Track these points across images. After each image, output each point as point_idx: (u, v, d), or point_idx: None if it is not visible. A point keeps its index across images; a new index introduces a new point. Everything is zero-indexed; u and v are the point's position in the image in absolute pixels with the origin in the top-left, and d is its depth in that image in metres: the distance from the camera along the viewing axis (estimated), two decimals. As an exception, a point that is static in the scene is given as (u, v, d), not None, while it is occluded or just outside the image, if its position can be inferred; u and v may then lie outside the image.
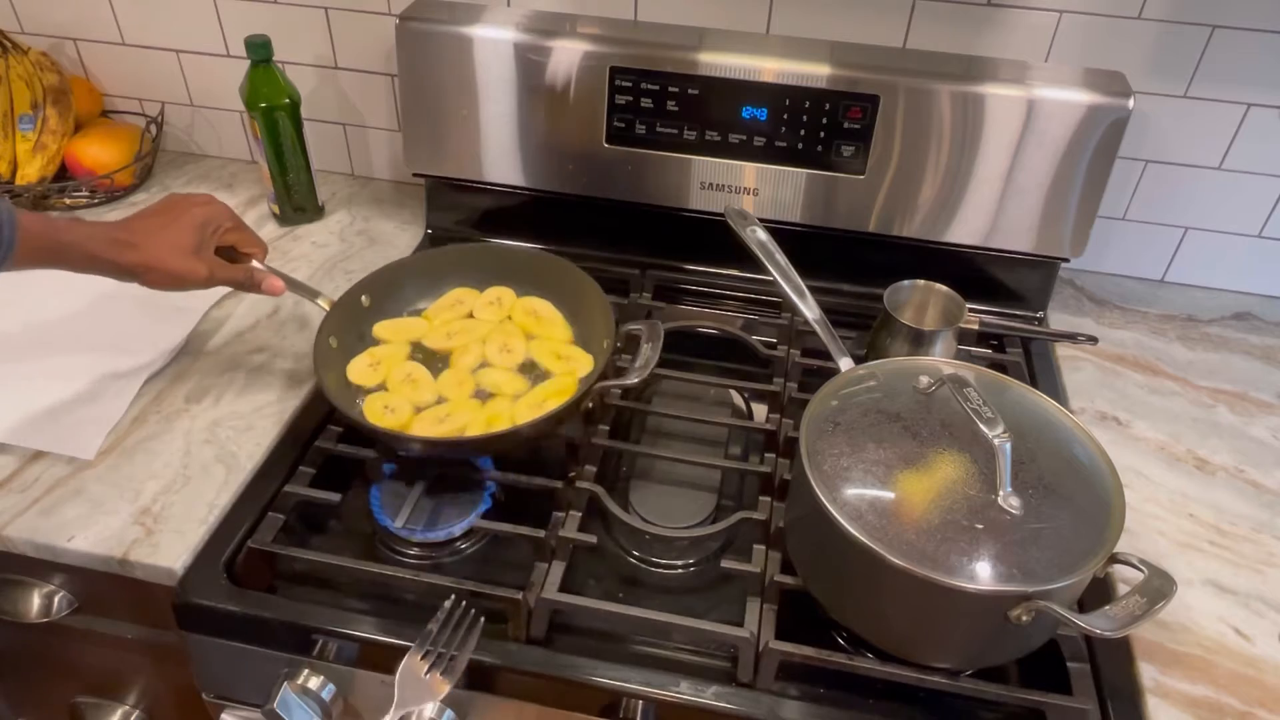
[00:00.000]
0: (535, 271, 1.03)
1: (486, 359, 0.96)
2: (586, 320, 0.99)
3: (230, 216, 0.90)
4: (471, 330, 0.99)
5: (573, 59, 1.06)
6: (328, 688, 0.79)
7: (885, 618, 0.73)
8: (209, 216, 0.87)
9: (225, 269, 0.88)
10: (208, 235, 0.86)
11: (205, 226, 0.86)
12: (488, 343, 0.97)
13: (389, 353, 0.96)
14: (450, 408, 0.90)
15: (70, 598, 0.90)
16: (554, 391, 0.90)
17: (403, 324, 1.00)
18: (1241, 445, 0.97)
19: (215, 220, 0.87)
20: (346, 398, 0.90)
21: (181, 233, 0.84)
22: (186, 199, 0.88)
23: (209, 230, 0.86)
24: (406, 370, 0.94)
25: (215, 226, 0.87)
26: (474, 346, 0.97)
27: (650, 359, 0.85)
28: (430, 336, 0.98)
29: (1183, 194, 1.14)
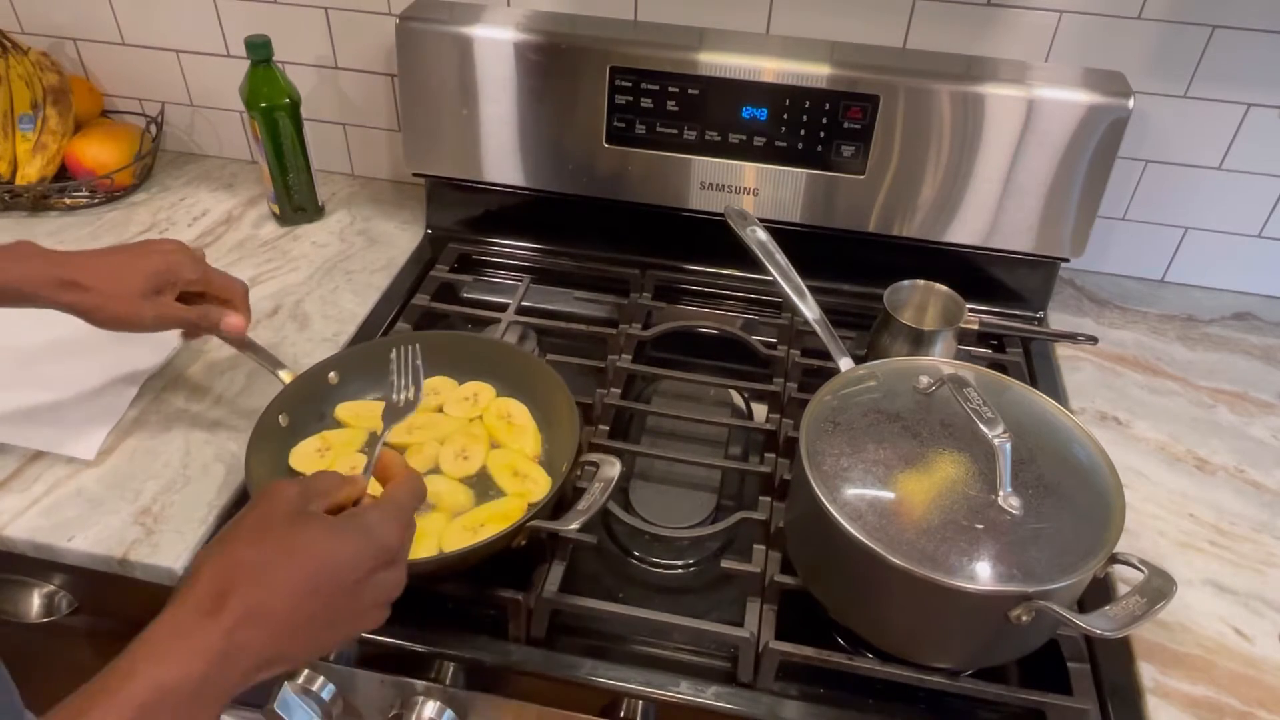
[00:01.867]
0: (519, 372, 0.94)
1: (439, 463, 0.87)
2: (557, 434, 0.89)
3: (194, 266, 0.85)
4: (435, 427, 0.90)
5: (573, 59, 1.06)
6: (328, 688, 0.79)
7: (885, 618, 0.73)
8: (168, 265, 0.83)
9: (175, 311, 0.83)
10: (164, 283, 0.82)
11: (161, 275, 0.82)
12: (446, 444, 0.88)
13: (343, 439, 0.88)
14: None
15: (70, 598, 0.90)
16: (497, 514, 0.81)
17: (367, 408, 0.91)
18: (1241, 445, 0.97)
19: (174, 270, 0.83)
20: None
21: (134, 277, 0.80)
22: (152, 245, 0.85)
23: (165, 279, 0.82)
24: (352, 463, 0.85)
25: (174, 277, 0.83)
26: (430, 447, 0.88)
27: (595, 503, 0.75)
28: (392, 428, 0.89)
29: (1183, 194, 1.14)
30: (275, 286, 1.13)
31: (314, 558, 0.52)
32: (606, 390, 0.98)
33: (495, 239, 1.22)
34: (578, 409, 0.87)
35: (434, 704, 0.77)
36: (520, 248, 1.22)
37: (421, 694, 0.78)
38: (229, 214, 1.26)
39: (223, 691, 0.49)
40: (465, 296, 1.17)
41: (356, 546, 0.54)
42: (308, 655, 0.54)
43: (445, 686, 0.77)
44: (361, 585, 0.54)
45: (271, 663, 0.51)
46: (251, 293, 1.10)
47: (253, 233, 1.22)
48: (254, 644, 0.50)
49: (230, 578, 0.50)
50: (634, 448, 0.94)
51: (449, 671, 0.77)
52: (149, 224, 1.23)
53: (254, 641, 0.50)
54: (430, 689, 0.78)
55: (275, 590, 0.51)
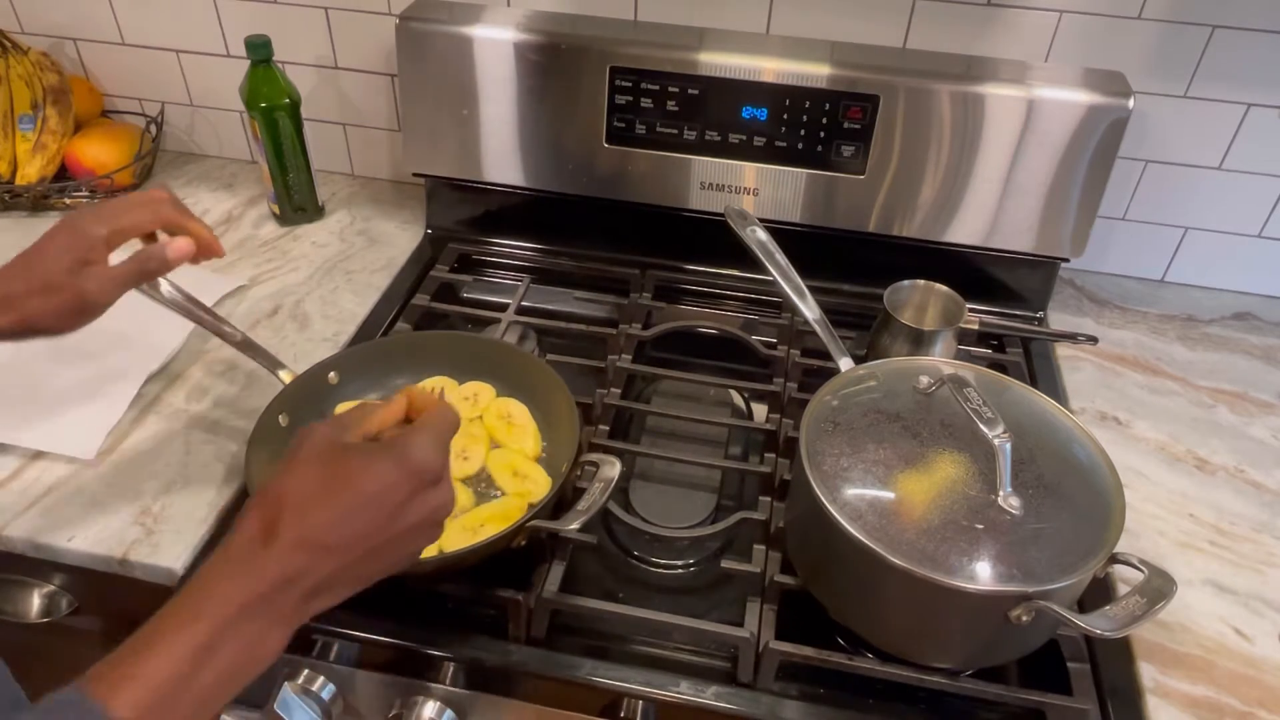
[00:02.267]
0: (519, 372, 0.94)
1: None
2: (557, 435, 0.89)
3: (104, 214, 0.74)
4: None
5: (573, 59, 1.06)
6: (328, 688, 0.79)
7: (885, 618, 0.73)
8: (72, 229, 0.73)
9: (114, 272, 0.74)
10: (82, 250, 0.73)
11: (72, 244, 0.73)
12: None
13: None
14: None
15: (70, 598, 0.90)
16: (497, 514, 0.81)
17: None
18: (1241, 445, 0.97)
19: (80, 231, 0.73)
20: None
21: (44, 266, 0.72)
22: (61, 222, 0.75)
23: (79, 245, 0.73)
24: None
25: (86, 238, 0.73)
26: None
27: (595, 503, 0.75)
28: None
29: (1183, 194, 1.14)
30: (275, 286, 1.13)
31: (354, 483, 0.53)
32: (606, 390, 0.98)
33: (495, 239, 1.22)
34: (578, 409, 0.87)
35: (434, 704, 0.77)
36: (520, 248, 1.22)
37: (421, 694, 0.78)
38: (229, 214, 1.26)
39: (284, 618, 0.51)
40: (465, 296, 1.17)
41: (394, 468, 0.54)
42: (363, 578, 0.55)
43: (445, 686, 0.77)
44: (405, 507, 0.55)
45: (329, 587, 0.53)
46: (251, 292, 1.11)
47: (253, 233, 1.22)
48: (308, 568, 0.51)
49: (277, 509, 0.52)
50: (634, 448, 0.94)
51: (449, 671, 0.77)
52: (149, 224, 1.22)
53: (307, 566, 0.51)
54: (430, 689, 0.78)
55: (320, 517, 0.52)
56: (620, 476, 0.78)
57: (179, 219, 0.78)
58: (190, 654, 0.48)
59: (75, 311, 0.74)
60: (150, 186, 1.30)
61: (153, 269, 0.77)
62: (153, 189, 0.79)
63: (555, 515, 0.78)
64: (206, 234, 0.79)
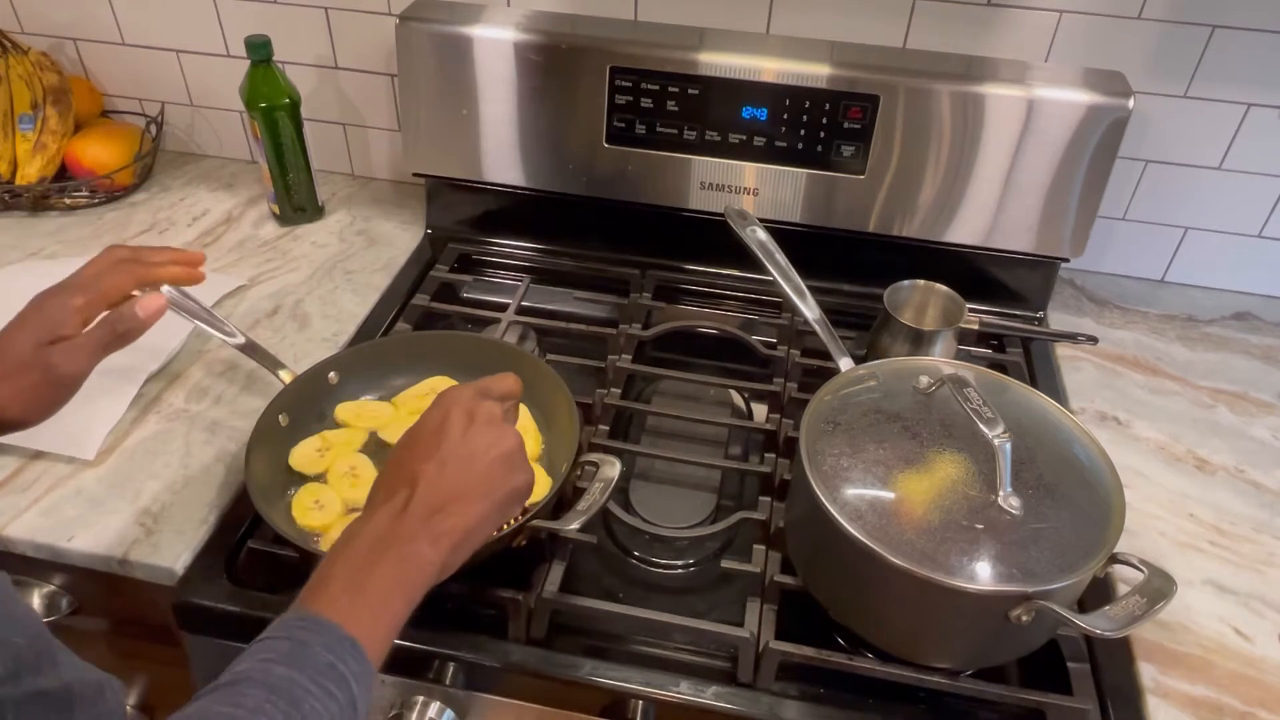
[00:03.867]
0: (519, 371, 0.89)
1: None
2: (557, 435, 0.89)
3: (74, 287, 0.74)
4: None
5: (573, 59, 1.06)
6: (328, 688, 0.79)
7: (885, 618, 0.73)
8: (41, 310, 0.72)
9: (85, 342, 0.74)
10: (52, 327, 0.72)
11: (42, 323, 0.72)
12: None
13: (343, 439, 0.88)
14: None
15: (70, 598, 0.90)
16: None
17: (367, 408, 0.91)
18: (1241, 445, 0.97)
19: (49, 310, 0.72)
20: (277, 485, 0.83)
21: (17, 347, 0.71)
22: (33, 301, 0.74)
23: (49, 324, 0.72)
24: (351, 463, 0.85)
25: (56, 315, 0.72)
26: None
27: (595, 503, 0.75)
28: (390, 428, 0.89)
29: (1183, 194, 1.14)
30: (275, 286, 1.13)
31: (421, 425, 0.64)
32: (606, 390, 0.98)
33: (495, 239, 1.22)
34: (578, 409, 0.87)
35: (434, 704, 0.77)
36: (520, 248, 1.22)
37: (421, 694, 0.78)
38: (229, 214, 1.26)
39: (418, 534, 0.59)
40: (465, 296, 1.17)
41: (440, 405, 0.65)
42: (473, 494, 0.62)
43: (445, 686, 0.77)
44: (468, 428, 0.63)
45: (442, 504, 0.60)
46: (251, 292, 1.11)
47: (253, 233, 1.22)
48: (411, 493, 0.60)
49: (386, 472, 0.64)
50: (634, 448, 0.94)
51: (449, 671, 0.77)
52: (149, 224, 1.23)
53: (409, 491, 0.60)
54: (430, 689, 0.78)
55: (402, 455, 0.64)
56: (620, 476, 0.78)
57: (151, 273, 0.78)
58: (347, 579, 0.56)
59: (49, 387, 0.72)
60: (150, 187, 1.30)
61: (124, 331, 0.76)
62: (110, 249, 0.78)
63: (555, 515, 0.78)
64: (182, 270, 0.79)
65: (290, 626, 0.53)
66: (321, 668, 0.51)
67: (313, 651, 0.51)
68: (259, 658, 0.51)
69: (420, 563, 0.58)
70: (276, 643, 0.52)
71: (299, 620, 0.53)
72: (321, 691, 0.50)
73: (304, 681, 0.50)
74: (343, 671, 0.51)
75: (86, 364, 0.74)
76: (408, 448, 0.64)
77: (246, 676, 0.49)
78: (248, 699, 0.48)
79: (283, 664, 0.50)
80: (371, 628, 0.54)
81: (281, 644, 0.51)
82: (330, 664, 0.51)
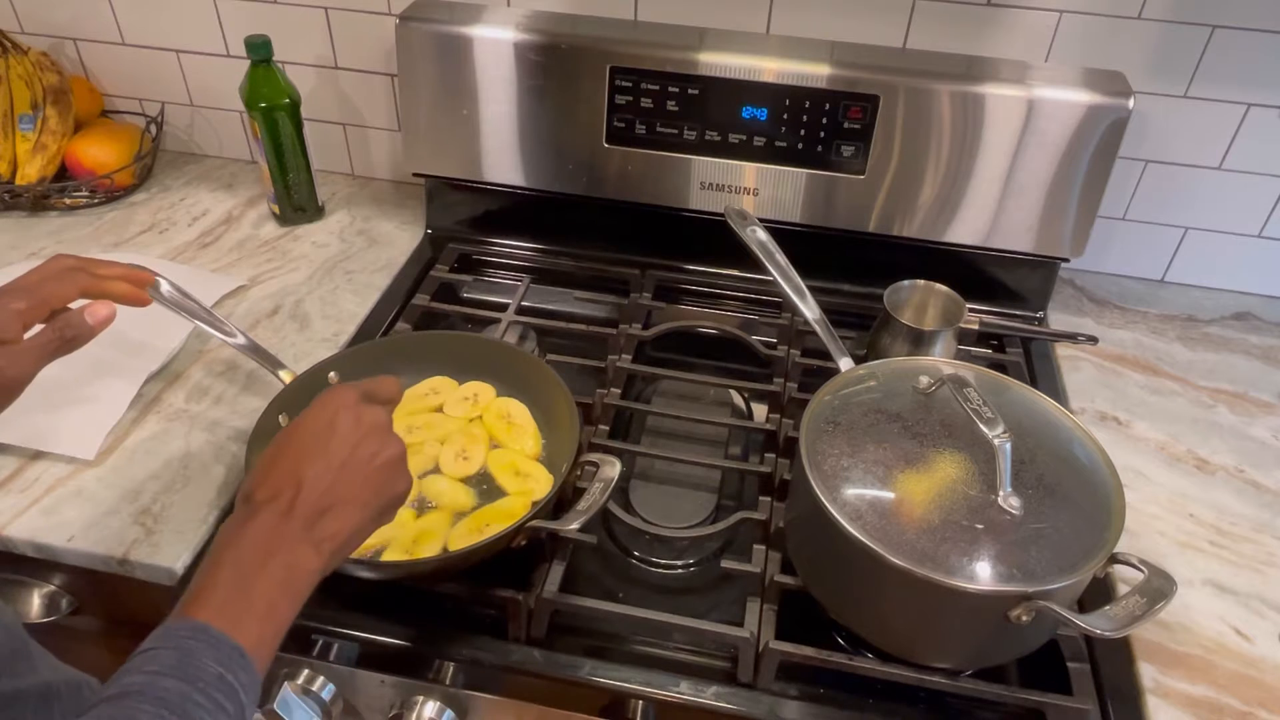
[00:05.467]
0: (519, 372, 0.94)
1: (439, 463, 0.87)
2: (557, 435, 0.89)
3: (17, 291, 0.72)
4: (435, 427, 0.90)
5: (573, 59, 1.06)
6: (328, 688, 0.79)
7: (885, 618, 0.73)
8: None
9: (29, 347, 0.72)
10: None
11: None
12: (446, 444, 0.88)
13: None
14: None
15: (70, 598, 0.90)
16: (501, 514, 0.81)
17: None
18: (1241, 445, 0.97)
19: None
20: None
21: None
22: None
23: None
24: None
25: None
26: (430, 447, 0.88)
27: (595, 503, 0.75)
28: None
29: (1183, 194, 1.14)
30: (275, 286, 1.13)
31: (299, 427, 0.63)
32: (606, 390, 0.98)
33: (495, 239, 1.22)
34: (578, 409, 0.87)
35: (434, 704, 0.77)
36: (520, 248, 1.22)
37: (421, 694, 0.78)
38: (229, 214, 1.26)
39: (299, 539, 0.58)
40: (465, 296, 1.17)
41: (320, 405, 0.64)
42: (358, 497, 0.61)
43: (445, 686, 0.77)
44: (345, 427, 0.62)
45: (327, 506, 0.59)
46: (251, 292, 1.11)
47: (253, 233, 1.22)
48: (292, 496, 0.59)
49: (253, 474, 0.61)
50: (634, 448, 0.94)
51: (449, 671, 0.77)
52: (149, 224, 1.23)
53: (290, 494, 0.59)
54: (430, 689, 0.78)
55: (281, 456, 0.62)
56: (620, 476, 0.78)
57: (97, 284, 0.76)
58: (231, 586, 0.54)
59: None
60: (150, 187, 1.30)
61: (70, 336, 0.74)
62: (57, 257, 0.77)
63: (555, 515, 0.78)
64: (128, 288, 0.78)
65: (176, 636, 0.51)
66: (211, 679, 0.50)
67: (202, 663, 0.50)
68: (146, 669, 0.50)
69: (305, 569, 0.58)
70: (163, 653, 0.50)
71: (186, 629, 0.52)
72: (212, 705, 0.49)
73: (195, 695, 0.49)
74: (231, 683, 0.50)
75: (30, 368, 0.73)
76: (290, 445, 0.62)
77: (137, 690, 0.48)
78: (141, 714, 0.47)
79: (172, 676, 0.49)
80: (258, 636, 0.54)
81: (168, 654, 0.50)
82: (219, 675, 0.50)
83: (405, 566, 0.77)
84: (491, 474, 0.87)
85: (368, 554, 0.78)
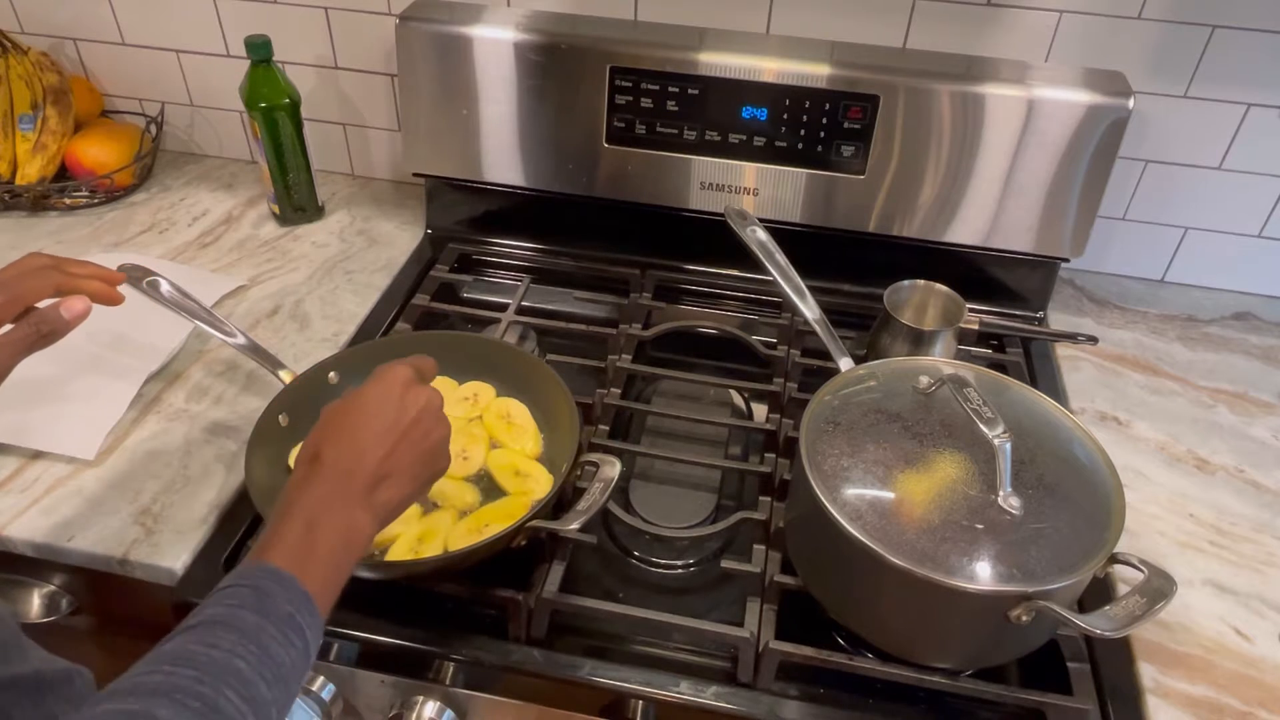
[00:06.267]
0: (519, 372, 0.94)
1: None
2: (557, 435, 0.90)
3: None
4: None
5: (573, 59, 1.06)
6: (328, 688, 0.79)
7: (885, 618, 0.73)
8: None
9: (3, 340, 0.72)
10: None
11: None
12: None
13: None
14: None
15: (70, 598, 0.90)
16: (502, 513, 0.81)
17: None
18: (1241, 445, 0.97)
19: None
20: (277, 485, 0.80)
21: None
22: None
23: None
24: None
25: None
26: None
27: (595, 503, 0.75)
28: None
29: (1183, 194, 1.14)
30: (275, 286, 1.13)
31: (359, 401, 0.66)
32: (606, 390, 0.98)
33: (495, 239, 1.22)
34: (578, 409, 0.87)
35: (434, 704, 0.77)
36: (520, 248, 1.22)
37: (421, 694, 0.78)
38: (229, 214, 1.26)
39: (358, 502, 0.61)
40: (465, 296, 1.17)
41: (378, 383, 0.67)
42: (412, 466, 0.65)
43: (445, 686, 0.77)
44: (403, 401, 0.66)
45: (385, 474, 0.63)
46: (251, 292, 1.11)
47: (253, 233, 1.22)
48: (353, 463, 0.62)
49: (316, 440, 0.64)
50: (634, 448, 0.93)
51: (449, 671, 0.77)
52: (149, 224, 1.23)
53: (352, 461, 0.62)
54: (430, 689, 0.78)
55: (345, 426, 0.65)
56: (620, 476, 0.78)
57: (70, 282, 0.76)
58: (299, 538, 0.58)
59: None
60: (150, 187, 1.30)
61: (46, 331, 0.74)
62: (29, 256, 0.77)
63: (555, 515, 0.78)
64: (101, 286, 0.78)
65: (254, 575, 0.55)
66: (284, 617, 0.54)
67: (276, 602, 0.54)
68: (226, 603, 0.53)
69: (362, 530, 0.61)
70: (242, 590, 0.54)
71: (261, 571, 0.55)
72: (284, 639, 0.53)
73: (269, 628, 0.53)
74: (300, 624, 0.54)
75: (5, 363, 0.73)
76: (357, 413, 0.65)
77: (219, 620, 0.52)
78: (223, 640, 0.51)
79: (250, 610, 0.53)
80: (322, 585, 0.57)
81: (246, 592, 0.54)
82: (290, 615, 0.54)
83: (405, 566, 0.77)
84: (491, 474, 0.87)
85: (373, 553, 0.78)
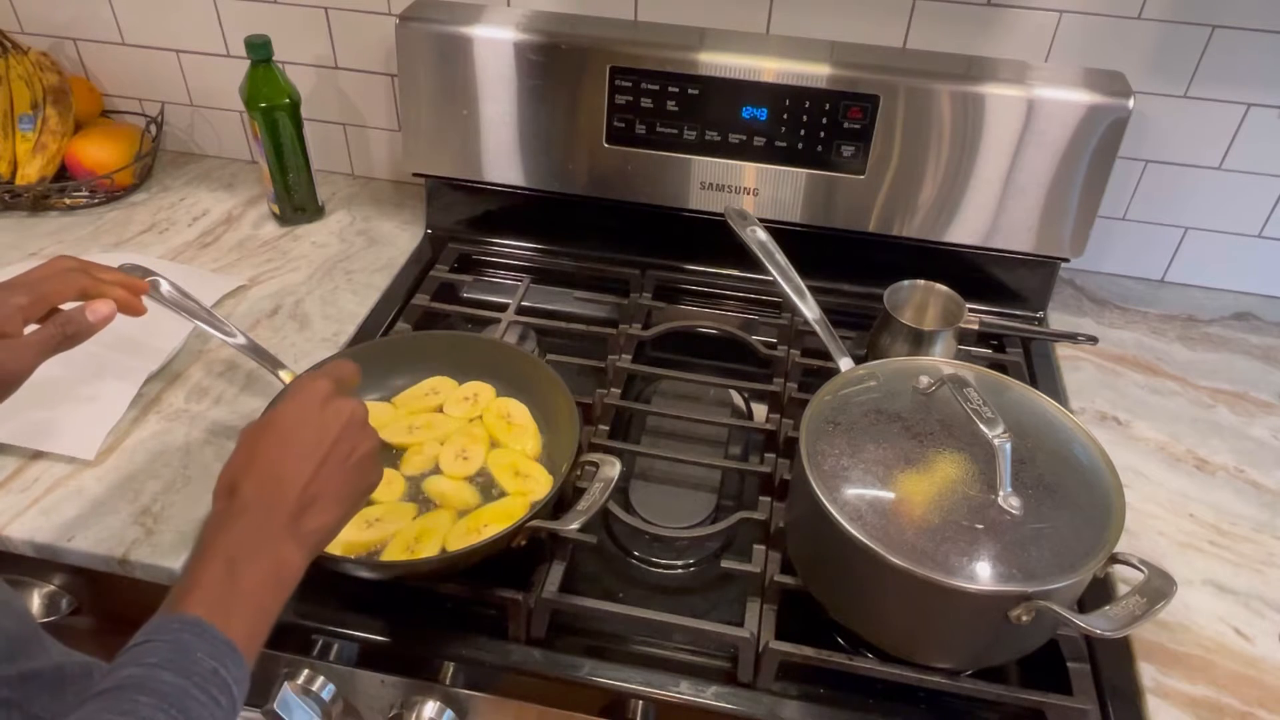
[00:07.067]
0: (519, 372, 0.94)
1: (439, 463, 0.87)
2: (557, 435, 0.89)
3: (18, 287, 0.73)
4: (435, 427, 0.90)
5: (573, 59, 1.06)
6: (328, 688, 0.79)
7: (885, 618, 0.73)
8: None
9: (30, 341, 0.73)
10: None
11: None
12: (446, 444, 0.88)
13: None
14: (381, 511, 0.81)
15: (70, 598, 0.90)
16: (501, 513, 0.81)
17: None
18: (1241, 445, 0.97)
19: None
20: None
21: None
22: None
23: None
24: None
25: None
26: (430, 447, 0.88)
27: (595, 503, 0.75)
28: (391, 428, 0.89)
29: (1183, 194, 1.14)
30: (275, 286, 1.13)
31: (273, 424, 0.62)
32: (606, 390, 0.98)
33: (495, 239, 1.22)
34: (578, 409, 0.87)
35: (434, 704, 0.77)
36: (520, 248, 1.22)
37: (421, 694, 0.78)
38: (229, 214, 1.26)
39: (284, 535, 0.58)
40: (465, 296, 1.17)
41: (292, 400, 0.63)
42: (339, 491, 0.61)
43: (445, 686, 0.77)
44: (323, 419, 0.62)
45: (310, 501, 0.60)
46: (251, 292, 1.11)
47: (253, 233, 1.22)
48: (273, 494, 0.59)
49: (230, 472, 0.61)
50: (634, 448, 0.93)
51: (449, 671, 0.77)
52: (149, 224, 1.23)
53: (272, 492, 0.59)
54: (430, 689, 0.78)
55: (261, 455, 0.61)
56: (620, 476, 0.78)
57: (96, 286, 0.77)
58: (219, 582, 0.54)
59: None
60: (150, 187, 1.30)
61: (71, 333, 0.75)
62: (58, 258, 0.77)
63: (555, 515, 0.78)
64: (125, 294, 0.78)
65: (170, 629, 0.52)
66: (206, 674, 0.50)
67: (197, 657, 0.51)
68: (144, 662, 0.50)
69: (291, 565, 0.58)
70: (160, 646, 0.51)
71: (179, 623, 0.52)
72: (208, 699, 0.50)
73: (192, 690, 0.49)
74: (225, 678, 0.51)
75: (29, 363, 0.73)
76: (271, 438, 0.61)
77: (135, 682, 0.49)
78: (141, 706, 0.48)
79: (169, 670, 0.49)
80: (248, 632, 0.54)
81: (164, 648, 0.51)
82: (214, 670, 0.51)
83: (405, 566, 0.77)
84: (491, 474, 0.87)
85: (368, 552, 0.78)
